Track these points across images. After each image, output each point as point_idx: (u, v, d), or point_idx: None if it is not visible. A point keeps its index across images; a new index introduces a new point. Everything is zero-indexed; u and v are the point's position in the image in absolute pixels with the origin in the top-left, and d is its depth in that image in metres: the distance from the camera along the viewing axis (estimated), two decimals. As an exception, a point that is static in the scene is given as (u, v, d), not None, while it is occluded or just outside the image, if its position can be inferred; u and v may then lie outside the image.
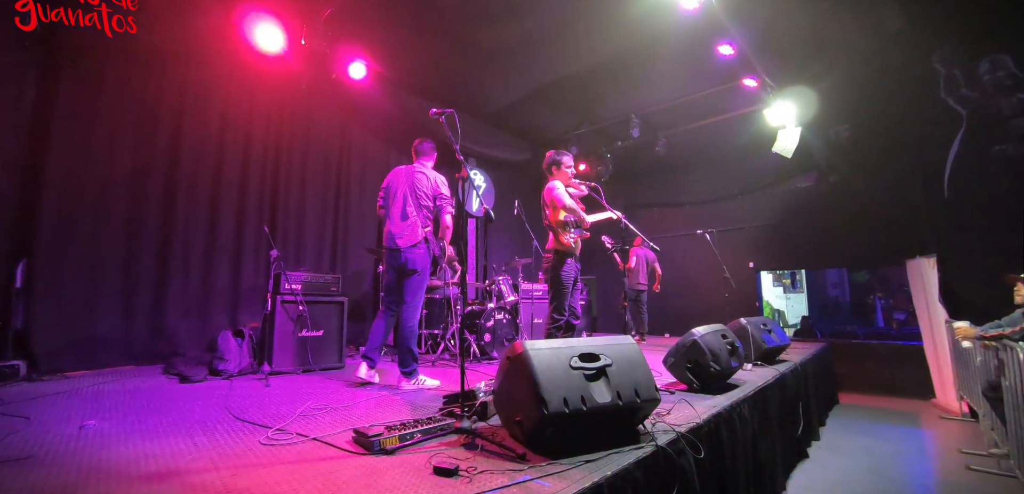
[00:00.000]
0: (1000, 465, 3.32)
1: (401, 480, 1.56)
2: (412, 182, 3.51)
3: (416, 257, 3.40)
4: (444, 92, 6.02)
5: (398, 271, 3.46)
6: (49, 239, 3.81)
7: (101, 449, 1.95)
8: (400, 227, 3.43)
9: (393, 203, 3.50)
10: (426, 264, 3.46)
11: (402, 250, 3.39)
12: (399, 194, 3.49)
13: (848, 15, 4.56)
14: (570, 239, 3.56)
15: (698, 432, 2.12)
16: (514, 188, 7.43)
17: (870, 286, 10.02)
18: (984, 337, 3.43)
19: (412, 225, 3.42)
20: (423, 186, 3.50)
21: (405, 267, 3.41)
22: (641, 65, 5.43)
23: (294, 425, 2.28)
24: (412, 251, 3.39)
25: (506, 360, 1.95)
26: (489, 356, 4.85)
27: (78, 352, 3.86)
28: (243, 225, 4.98)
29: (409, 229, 3.41)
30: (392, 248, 3.43)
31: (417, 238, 3.40)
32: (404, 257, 3.39)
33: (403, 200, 3.47)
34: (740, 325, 3.96)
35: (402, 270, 3.43)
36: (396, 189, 3.52)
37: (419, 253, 3.41)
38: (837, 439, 4.19)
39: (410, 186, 3.50)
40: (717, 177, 8.28)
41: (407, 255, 3.39)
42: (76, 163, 3.97)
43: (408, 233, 3.41)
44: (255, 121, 5.14)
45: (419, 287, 3.46)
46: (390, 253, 3.46)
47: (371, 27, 4.84)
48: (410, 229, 3.41)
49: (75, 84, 3.98)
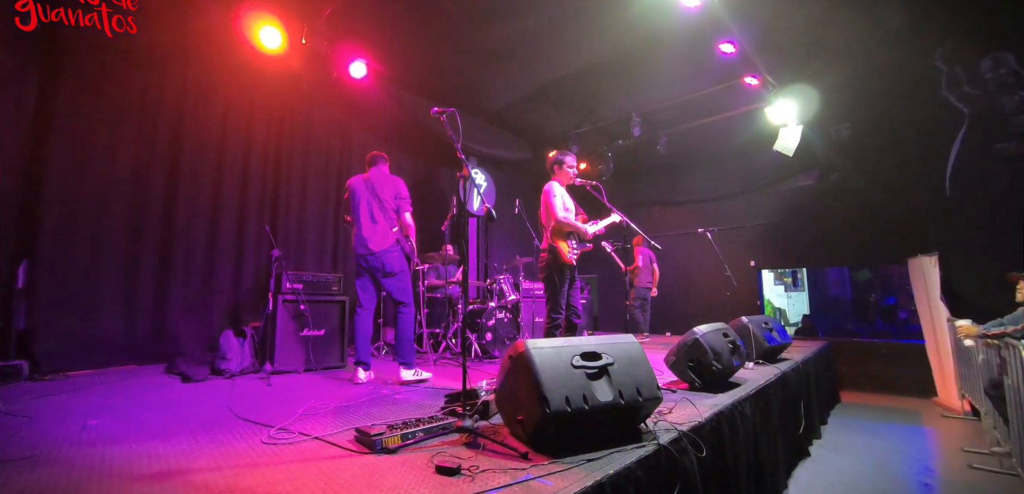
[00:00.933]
0: (1002, 464, 3.31)
1: (403, 479, 1.57)
2: (373, 188, 3.66)
3: (391, 259, 3.57)
4: (445, 91, 6.01)
5: (372, 274, 3.62)
6: (51, 239, 3.81)
7: (103, 448, 1.95)
8: (370, 231, 3.58)
9: (358, 211, 3.64)
10: (403, 264, 3.65)
11: (376, 254, 3.55)
12: (362, 201, 3.64)
13: (850, 13, 4.55)
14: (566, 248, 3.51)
15: (700, 431, 2.11)
16: (515, 187, 7.44)
17: (871, 284, 10.01)
18: (986, 335, 3.42)
19: (381, 228, 3.59)
20: (384, 190, 3.65)
21: (383, 269, 3.57)
22: (642, 63, 5.42)
23: (296, 424, 2.28)
24: (386, 254, 3.56)
25: (508, 359, 1.95)
26: (490, 355, 4.86)
27: (80, 352, 3.87)
28: (244, 224, 4.99)
29: (379, 233, 3.58)
30: (365, 253, 3.58)
31: (389, 241, 3.58)
32: (379, 260, 3.56)
33: (367, 206, 3.63)
34: (742, 323, 3.96)
35: (379, 273, 3.59)
36: (359, 197, 3.65)
37: (393, 255, 3.59)
38: (838, 437, 4.18)
39: (372, 192, 3.65)
40: (718, 176, 8.27)
41: (382, 258, 3.56)
42: (77, 163, 3.97)
43: (378, 236, 3.57)
44: (256, 120, 5.14)
45: (404, 287, 3.64)
46: (363, 258, 3.60)
47: (372, 26, 4.84)
48: (380, 232, 3.58)
49: (76, 84, 3.98)
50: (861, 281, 10.22)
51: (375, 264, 3.57)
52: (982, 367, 3.77)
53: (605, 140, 7.61)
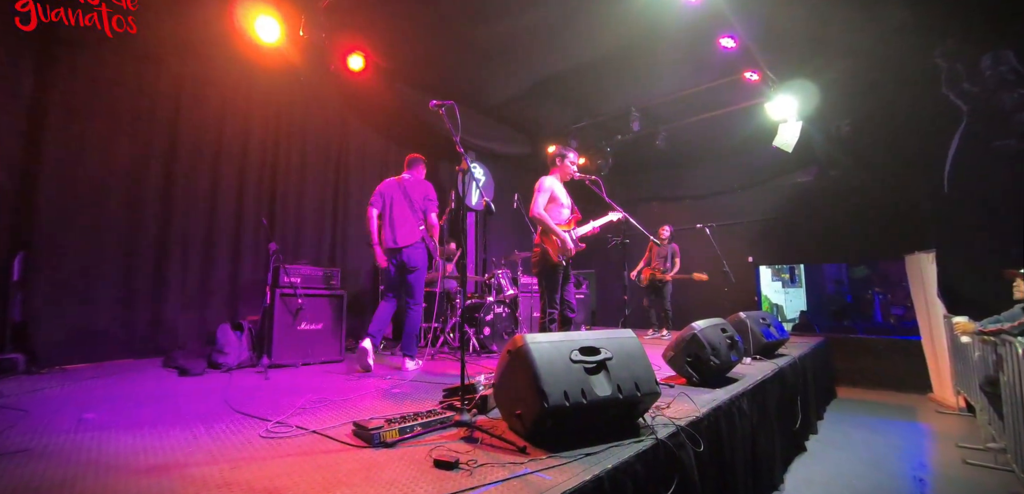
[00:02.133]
0: (997, 459, 3.33)
1: (401, 473, 1.56)
2: (405, 189, 3.95)
3: (415, 255, 3.82)
4: (444, 85, 5.98)
5: (399, 267, 3.87)
6: (47, 231, 3.79)
7: (100, 442, 1.94)
8: (400, 229, 3.85)
9: (390, 208, 3.91)
10: (424, 261, 3.90)
11: (403, 249, 3.81)
12: (395, 200, 3.92)
13: (850, 9, 4.54)
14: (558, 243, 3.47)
15: (698, 425, 2.12)
16: (514, 182, 7.41)
17: (869, 281, 10.04)
18: (983, 332, 3.44)
19: (409, 225, 3.85)
20: (415, 193, 3.94)
21: (407, 264, 3.82)
22: (642, 58, 5.40)
23: (294, 418, 2.28)
24: (411, 250, 3.81)
25: (506, 353, 1.94)
26: (488, 350, 4.86)
27: (77, 345, 3.85)
28: (242, 218, 4.96)
29: (407, 228, 3.84)
30: (393, 248, 3.84)
31: (416, 238, 3.83)
32: (405, 255, 3.81)
33: (399, 205, 3.91)
34: (739, 319, 3.96)
35: (403, 267, 3.84)
36: (390, 196, 3.94)
37: (418, 251, 3.84)
38: (834, 433, 4.21)
39: (403, 192, 3.94)
40: (717, 171, 8.27)
41: (407, 253, 3.81)
42: (74, 155, 3.94)
43: (406, 232, 3.83)
44: (253, 113, 5.11)
45: (420, 283, 3.88)
46: (392, 252, 3.86)
47: (370, 18, 4.80)
48: (409, 229, 3.84)
49: (72, 76, 3.95)
50: (858, 278, 10.25)
51: (401, 258, 3.83)
52: (978, 363, 3.79)
53: (604, 135, 7.59)
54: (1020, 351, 2.77)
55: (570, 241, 3.53)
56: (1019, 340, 2.83)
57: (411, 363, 3.75)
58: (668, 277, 6.42)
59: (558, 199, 3.61)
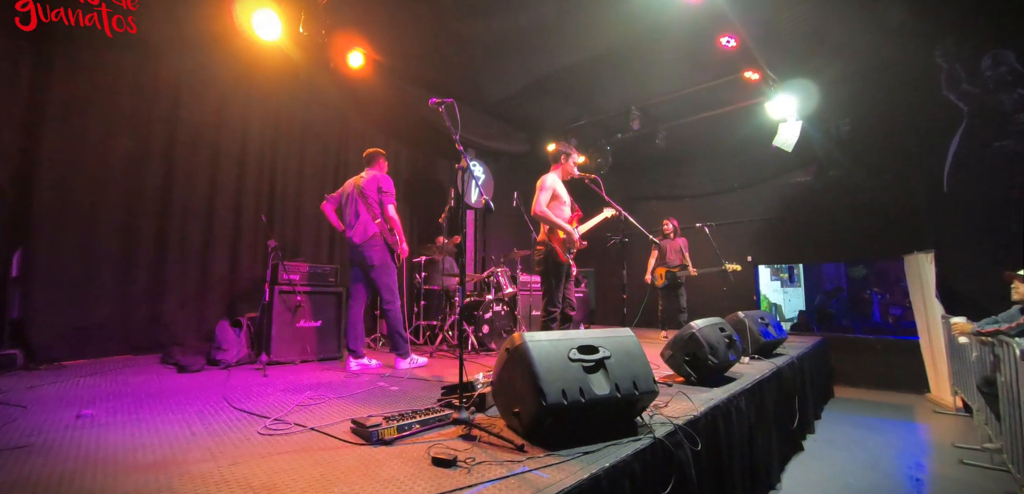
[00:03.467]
0: (993, 459, 3.35)
1: (399, 471, 1.57)
2: (359, 186, 3.88)
3: (373, 252, 3.74)
4: (444, 82, 5.96)
5: (359, 265, 3.84)
6: (45, 228, 3.78)
7: (98, 438, 1.94)
8: (353, 226, 3.81)
9: (346, 209, 3.91)
10: (385, 256, 3.81)
11: (359, 246, 3.75)
12: (350, 200, 3.89)
13: (851, 8, 4.53)
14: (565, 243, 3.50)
15: (695, 424, 2.12)
16: (513, 180, 7.42)
17: (867, 281, 10.05)
18: (981, 332, 3.44)
19: (363, 222, 3.78)
20: (369, 188, 3.85)
21: (365, 262, 3.76)
22: (642, 57, 5.39)
23: (292, 415, 2.28)
24: (367, 246, 3.73)
25: (505, 351, 1.95)
26: (487, 348, 4.86)
27: (75, 341, 3.85)
28: (241, 215, 4.96)
29: (361, 226, 3.78)
30: (350, 247, 3.84)
31: (369, 233, 3.75)
32: (361, 253, 3.75)
33: (352, 203, 3.87)
34: (738, 318, 3.97)
35: (363, 264, 3.79)
36: (348, 196, 3.91)
37: (375, 248, 3.75)
38: (832, 432, 4.21)
39: (358, 190, 3.86)
40: (717, 170, 8.26)
41: (363, 250, 3.73)
42: (72, 151, 3.93)
43: (360, 230, 3.77)
44: (252, 109, 5.10)
45: (387, 279, 3.80)
46: (351, 251, 3.86)
47: (370, 15, 4.78)
48: (362, 226, 3.77)
49: (70, 72, 3.93)
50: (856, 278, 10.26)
51: (358, 256, 3.78)
52: (975, 364, 3.80)
53: (604, 133, 7.58)
54: (1017, 352, 2.78)
55: (576, 237, 3.58)
56: (1016, 341, 2.83)
57: (403, 362, 3.71)
58: (692, 271, 6.09)
59: (560, 197, 3.61)
